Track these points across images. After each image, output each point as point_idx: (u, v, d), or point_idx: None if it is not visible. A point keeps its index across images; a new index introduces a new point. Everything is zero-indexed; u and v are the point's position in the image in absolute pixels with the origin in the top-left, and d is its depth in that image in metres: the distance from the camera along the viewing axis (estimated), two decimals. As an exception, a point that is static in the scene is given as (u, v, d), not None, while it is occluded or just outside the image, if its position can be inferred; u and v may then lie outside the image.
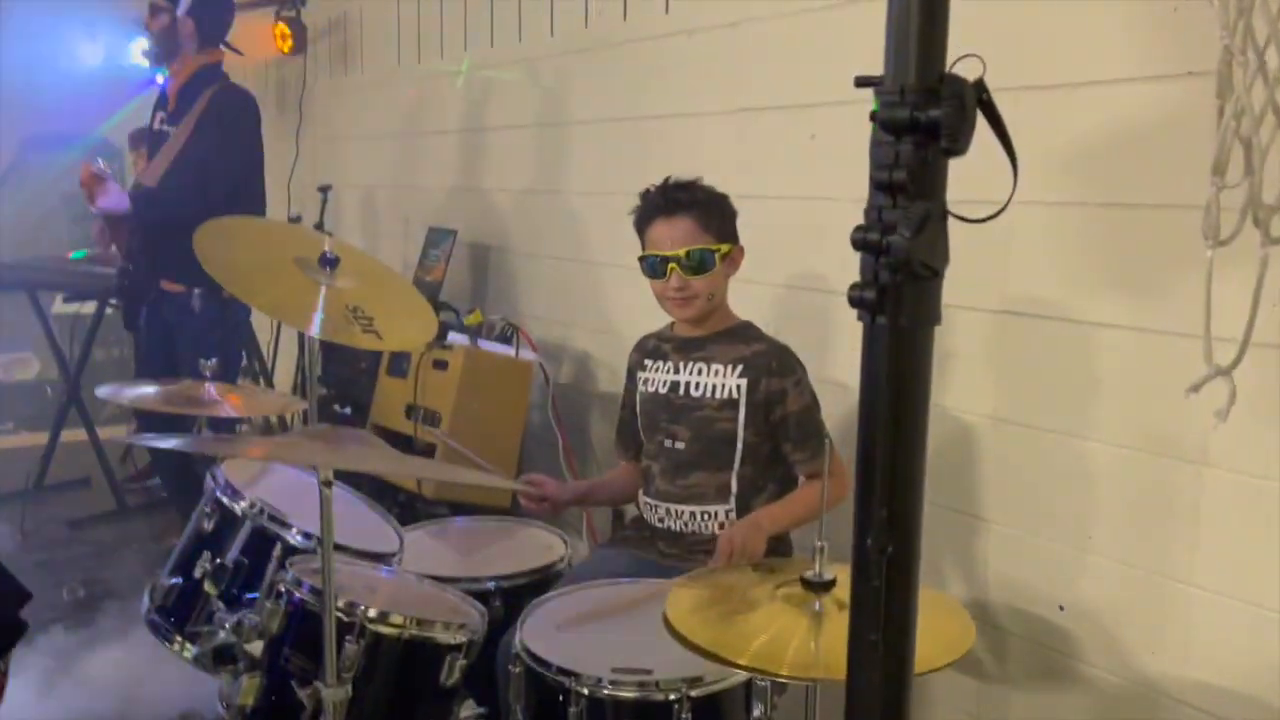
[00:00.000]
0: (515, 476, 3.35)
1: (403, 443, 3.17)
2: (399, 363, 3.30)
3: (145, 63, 4.53)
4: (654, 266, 2.04)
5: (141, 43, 4.86)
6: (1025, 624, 2.13)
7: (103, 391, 2.01)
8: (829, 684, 1.21)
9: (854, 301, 0.74)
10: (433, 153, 4.25)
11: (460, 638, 1.64)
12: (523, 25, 3.55)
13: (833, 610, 1.34)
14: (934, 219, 0.69)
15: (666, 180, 2.10)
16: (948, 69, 0.72)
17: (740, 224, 2.20)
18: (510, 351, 3.27)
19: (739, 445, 2.05)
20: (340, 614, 1.47)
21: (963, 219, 0.74)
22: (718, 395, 2.06)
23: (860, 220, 1.43)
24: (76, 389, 4.36)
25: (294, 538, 1.76)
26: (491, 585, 2.05)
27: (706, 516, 2.08)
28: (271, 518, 1.77)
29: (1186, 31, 1.78)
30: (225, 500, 1.79)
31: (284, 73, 5.18)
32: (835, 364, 2.48)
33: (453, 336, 3.20)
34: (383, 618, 1.56)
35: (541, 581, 2.11)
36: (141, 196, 3.29)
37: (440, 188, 4.21)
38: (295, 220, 4.22)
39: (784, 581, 1.41)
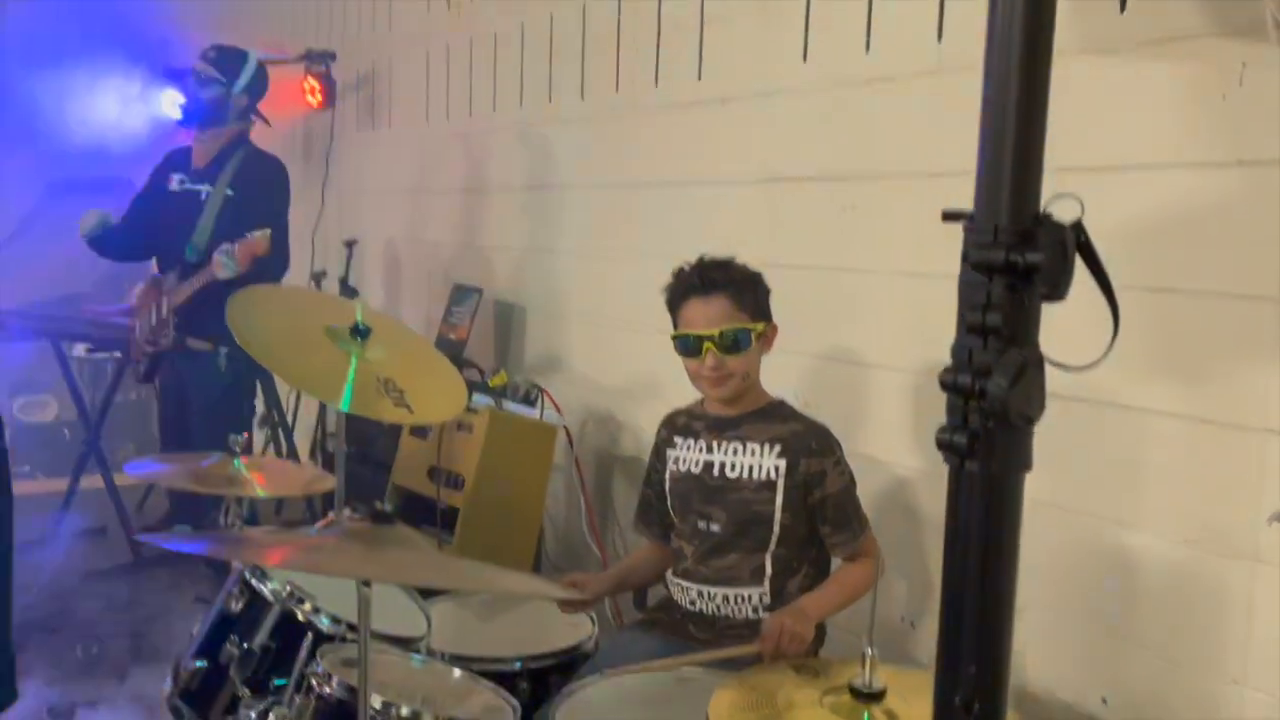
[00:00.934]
0: (538, 540, 3.32)
1: (425, 505, 3.13)
2: (422, 423, 3.27)
3: (176, 115, 4.59)
4: (689, 346, 2.01)
5: (175, 96, 4.92)
6: (1067, 714, 2.06)
7: (133, 470, 1.98)
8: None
9: (942, 445, 0.70)
10: (459, 209, 4.26)
11: (495, 732, 1.60)
12: (553, 87, 3.56)
13: (883, 722, 1.29)
14: (1031, 367, 0.66)
15: (701, 259, 2.08)
16: (1044, 207, 0.69)
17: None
18: (535, 414, 3.24)
19: (775, 527, 2.01)
20: (374, 713, 1.42)
21: (1062, 366, 0.71)
22: (755, 476, 2.02)
23: (896, 292, 1.33)
24: (96, 438, 4.35)
25: (323, 622, 1.72)
26: (519, 666, 2.00)
27: (740, 599, 2.03)
28: (300, 601, 1.73)
29: (1237, 120, 1.76)
30: (254, 582, 1.75)
31: (311, 126, 5.22)
32: (866, 439, 2.45)
33: (477, 398, 3.18)
34: (416, 718, 1.51)
35: (569, 663, 2.06)
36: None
37: (466, 244, 4.21)
38: (320, 275, 4.23)
39: (830, 688, 1.36)
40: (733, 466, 2.04)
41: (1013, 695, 2.09)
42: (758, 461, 2.02)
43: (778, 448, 2.02)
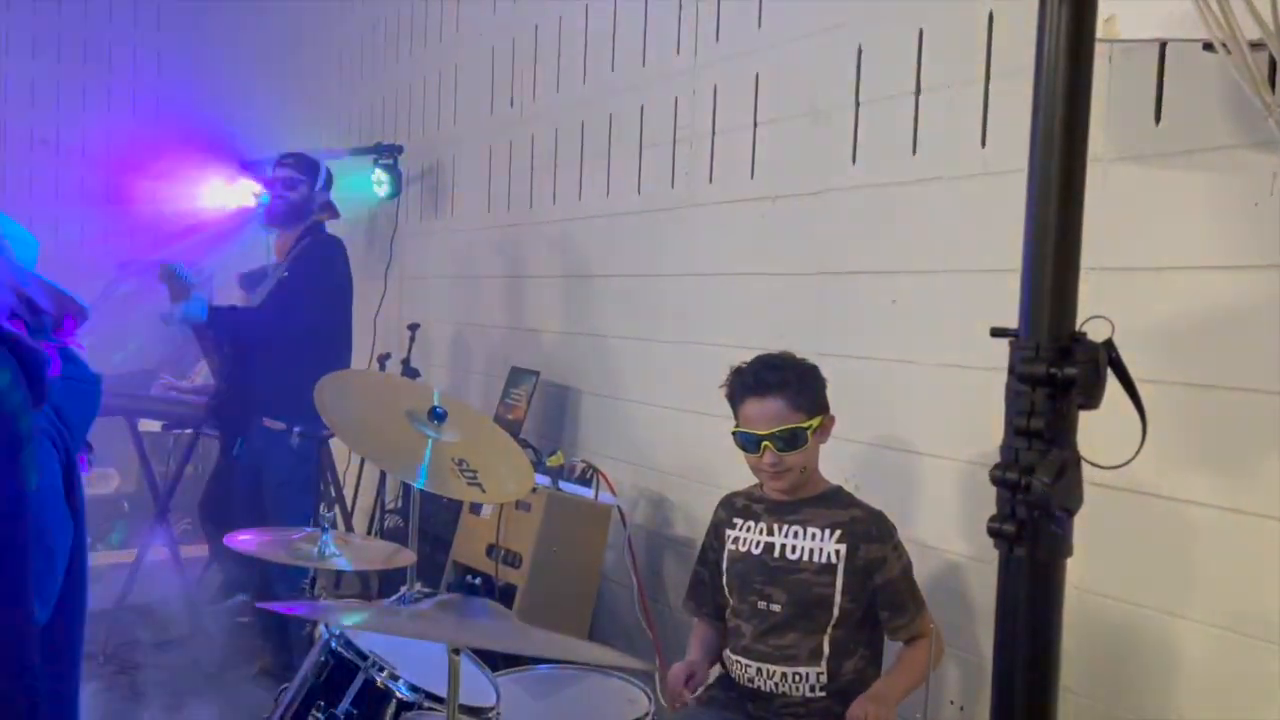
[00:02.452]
0: (590, 621, 3.39)
1: (483, 582, 3.23)
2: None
3: (251, 203, 4.86)
4: (748, 442, 2.13)
5: (251, 186, 5.21)
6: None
7: (232, 542, 2.12)
8: None
9: (993, 533, 0.81)
10: (516, 295, 4.44)
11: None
12: (611, 183, 3.75)
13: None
14: (1070, 466, 0.77)
15: (757, 359, 2.19)
16: (1078, 327, 0.80)
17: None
18: (590, 494, 3.34)
19: (835, 610, 2.09)
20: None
21: (1097, 465, 0.81)
22: (815, 559, 2.10)
23: (943, 383, 1.38)
24: (165, 509, 4.52)
25: (403, 690, 1.82)
26: (578, 742, 2.07)
27: (798, 678, 2.10)
28: (381, 670, 1.84)
29: (1268, 225, 1.86)
30: (339, 650, 1.86)
31: (376, 214, 5.47)
32: (916, 522, 2.52)
33: (535, 478, 3.30)
34: (493, 782, 1.61)
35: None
36: (227, 313, 3.53)
37: (522, 329, 4.38)
38: (384, 358, 4.41)
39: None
40: (793, 549, 2.13)
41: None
42: (818, 545, 2.11)
43: (838, 533, 2.11)
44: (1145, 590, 2.06)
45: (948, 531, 2.47)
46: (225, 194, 5.47)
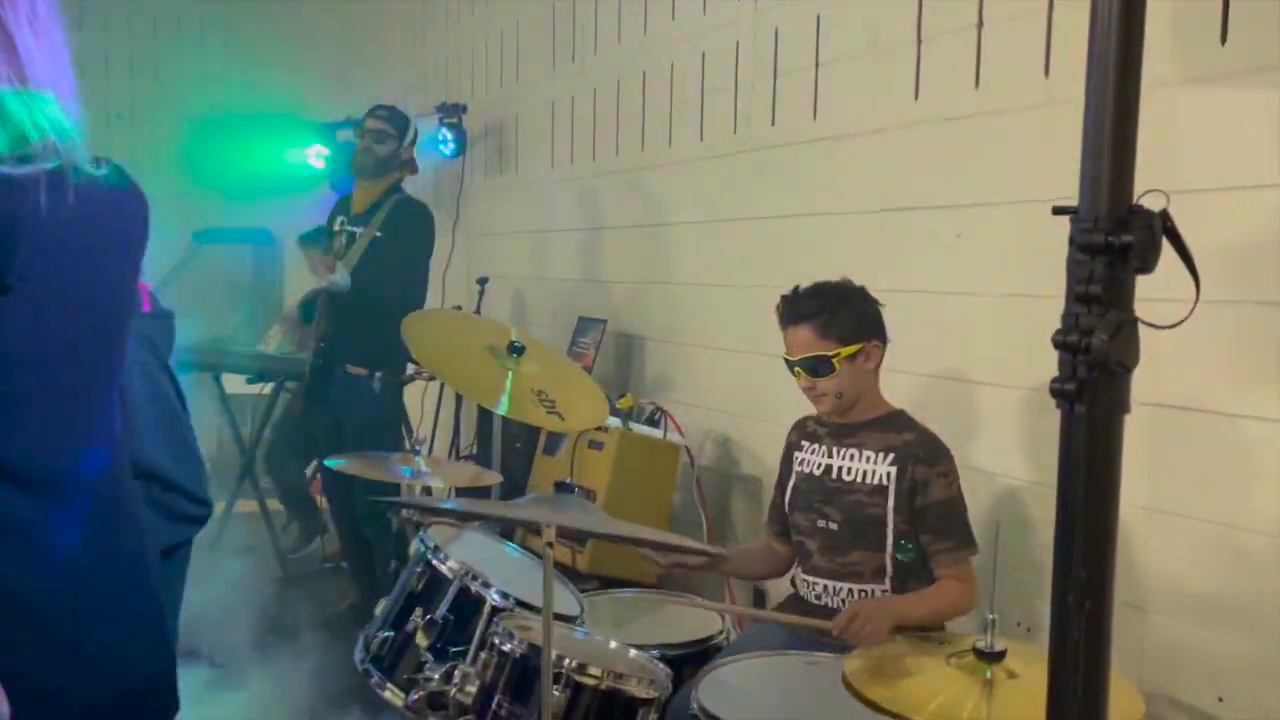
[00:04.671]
0: (670, 512, 3.51)
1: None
2: (555, 442, 3.51)
3: (320, 166, 4.99)
4: (789, 367, 2.23)
5: (320, 150, 5.35)
6: (1185, 713, 2.14)
7: (333, 464, 2.25)
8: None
9: (1055, 392, 0.88)
10: (581, 247, 4.53)
11: (651, 692, 1.79)
12: (673, 132, 3.81)
13: (1003, 679, 1.43)
14: (1127, 325, 0.84)
15: (796, 288, 2.27)
16: (1136, 200, 0.87)
17: (885, 316, 2.33)
18: (659, 434, 3.44)
19: (889, 530, 2.16)
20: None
21: (1152, 325, 0.88)
22: (868, 481, 2.18)
23: (1004, 313, 1.42)
24: (251, 463, 4.73)
25: (494, 597, 1.95)
26: (657, 654, 2.18)
27: (864, 595, 2.18)
28: (475, 578, 1.97)
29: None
30: (435, 562, 1.99)
31: (441, 174, 5.60)
32: (978, 452, 2.57)
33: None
34: (582, 669, 1.73)
35: (703, 653, 2.23)
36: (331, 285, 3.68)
37: (588, 279, 4.48)
38: (456, 310, 4.55)
39: (955, 652, 1.51)
40: (849, 471, 2.21)
41: (1131, 694, 2.18)
42: (871, 468, 2.19)
43: (891, 455, 2.18)
44: (1212, 506, 2.09)
45: (1009, 458, 2.52)
46: (295, 158, 5.61)
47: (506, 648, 1.77)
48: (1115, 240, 0.85)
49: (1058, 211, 0.91)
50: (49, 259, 0.93)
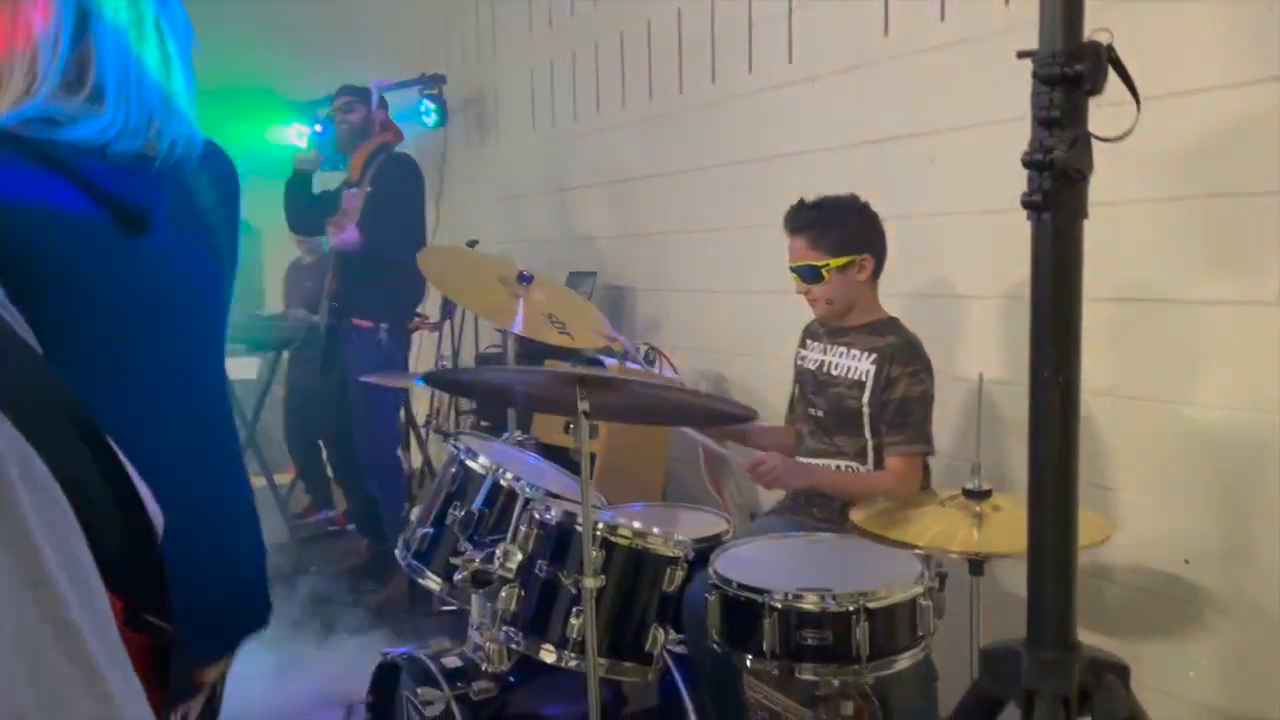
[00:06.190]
0: (664, 486, 3.69)
1: (562, 454, 3.52)
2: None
3: (304, 148, 5.10)
4: (790, 273, 2.40)
5: (300, 128, 5.45)
6: (1150, 579, 2.34)
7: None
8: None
9: (1026, 204, 1.06)
10: (569, 206, 4.69)
11: (678, 551, 1.98)
12: (653, 85, 3.97)
13: (989, 512, 1.62)
14: (1082, 139, 1.02)
15: (801, 200, 2.45)
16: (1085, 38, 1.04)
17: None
18: (654, 372, 3.61)
19: (865, 421, 2.36)
20: (581, 526, 1.80)
21: (1102, 139, 1.06)
22: (849, 376, 2.39)
23: (977, 229, 1.61)
24: (253, 433, 4.85)
25: (526, 489, 2.12)
26: (671, 546, 2.36)
27: (850, 470, 2.38)
28: (505, 472, 2.14)
29: (1271, 44, 2.06)
30: (468, 461, 2.16)
31: (423, 144, 5.72)
32: (961, 360, 2.76)
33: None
34: (613, 529, 1.91)
35: (710, 550, 2.41)
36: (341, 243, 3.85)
37: (575, 236, 4.64)
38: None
39: (947, 497, 1.70)
40: (836, 367, 2.42)
41: (1100, 569, 2.37)
42: (854, 365, 2.39)
43: (874, 356, 2.38)
44: (1168, 387, 2.29)
45: (988, 362, 2.71)
46: (277, 137, 5.68)
47: (545, 517, 1.95)
48: (1069, 70, 1.03)
49: (1022, 55, 1.09)
50: None
